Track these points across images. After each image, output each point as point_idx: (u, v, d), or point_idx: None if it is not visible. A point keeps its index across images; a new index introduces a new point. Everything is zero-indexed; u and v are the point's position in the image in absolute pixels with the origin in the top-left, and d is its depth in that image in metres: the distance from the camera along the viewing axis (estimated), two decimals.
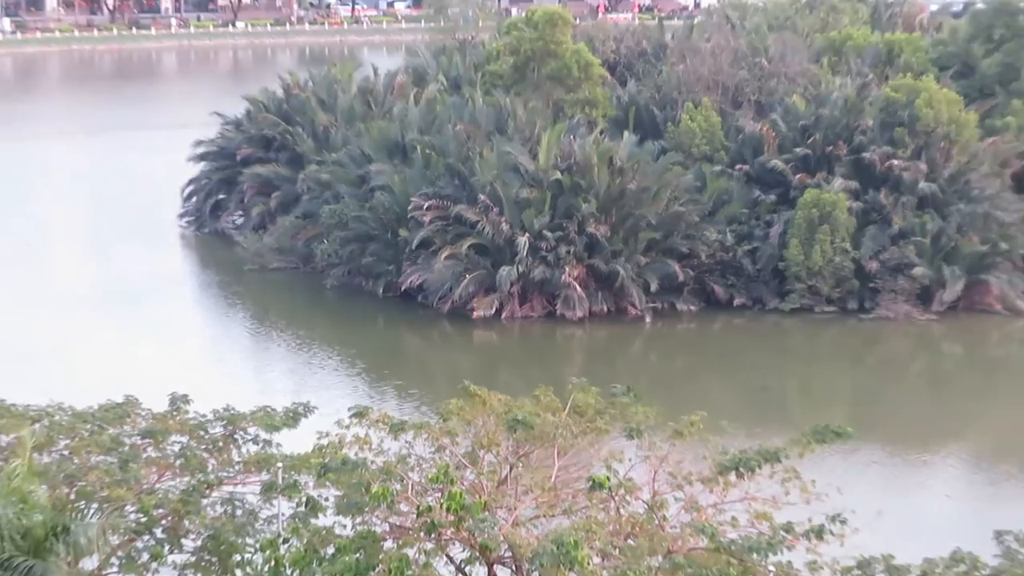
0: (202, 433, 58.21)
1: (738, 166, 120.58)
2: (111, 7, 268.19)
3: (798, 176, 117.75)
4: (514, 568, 48.37)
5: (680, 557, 48.40)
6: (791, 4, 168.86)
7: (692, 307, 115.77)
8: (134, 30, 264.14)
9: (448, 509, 48.10)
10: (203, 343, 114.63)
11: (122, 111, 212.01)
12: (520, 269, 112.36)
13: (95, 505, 53.62)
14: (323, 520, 51.18)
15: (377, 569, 48.54)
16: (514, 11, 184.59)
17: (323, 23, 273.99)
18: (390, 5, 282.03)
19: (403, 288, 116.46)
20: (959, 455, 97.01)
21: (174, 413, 59.07)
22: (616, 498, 50.52)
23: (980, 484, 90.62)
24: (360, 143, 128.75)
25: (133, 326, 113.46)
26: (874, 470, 80.00)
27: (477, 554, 48.88)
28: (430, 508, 48.69)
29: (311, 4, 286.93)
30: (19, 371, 68.67)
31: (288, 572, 50.82)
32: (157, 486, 55.84)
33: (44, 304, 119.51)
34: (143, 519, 54.93)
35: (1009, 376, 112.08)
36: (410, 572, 48.35)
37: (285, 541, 51.53)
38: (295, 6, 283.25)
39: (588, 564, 47.01)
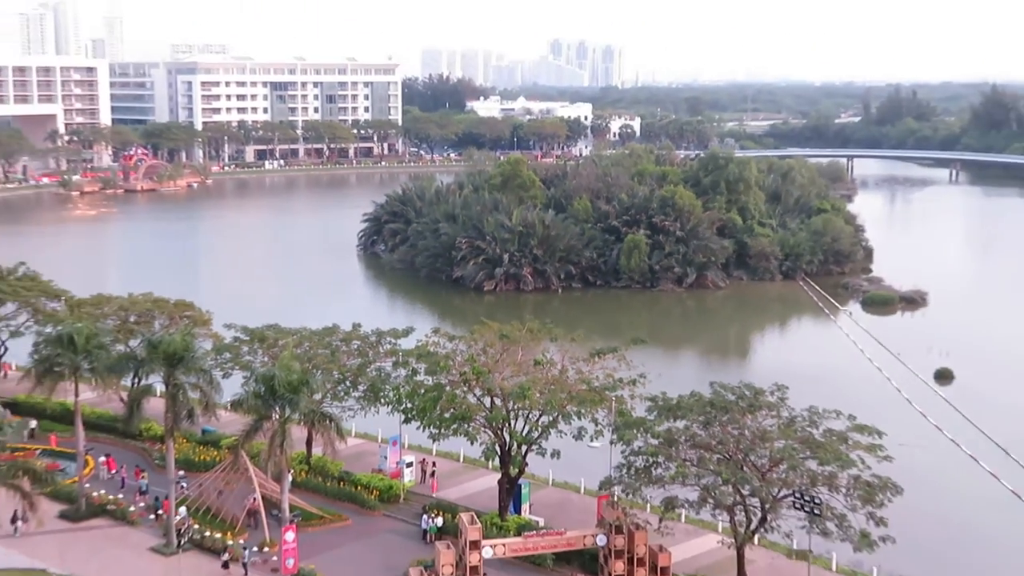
0: (365, 339, 58.01)
1: (599, 224, 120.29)
2: (327, 156, 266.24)
3: (624, 228, 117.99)
4: (502, 399, 48.34)
5: (574, 394, 48.61)
6: (620, 154, 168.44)
7: (579, 286, 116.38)
8: (336, 166, 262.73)
9: (473, 373, 48.56)
10: (365, 301, 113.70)
11: (331, 200, 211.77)
12: (504, 268, 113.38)
13: (320, 371, 53.71)
14: (419, 378, 51.12)
15: (442, 399, 48.68)
16: (502, 157, 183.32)
17: (418, 162, 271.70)
18: (448, 154, 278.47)
19: (454, 277, 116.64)
20: (695, 350, 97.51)
21: (354, 331, 58.85)
22: (546, 369, 50.71)
23: (705, 362, 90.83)
24: (435, 214, 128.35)
25: (334, 293, 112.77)
26: (658, 356, 79.04)
27: (486, 393, 48.94)
28: (465, 372, 49.14)
29: (414, 154, 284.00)
30: (283, 315, 68.60)
31: (404, 400, 50.87)
32: (347, 363, 55.78)
33: (293, 284, 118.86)
34: (340, 377, 55.11)
35: (716, 315, 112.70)
36: (457, 400, 48.58)
37: (403, 387, 51.63)
38: (407, 155, 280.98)
39: (534, 397, 47.34)
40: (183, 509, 49.12)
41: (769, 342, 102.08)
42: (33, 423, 62.05)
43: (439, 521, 48.57)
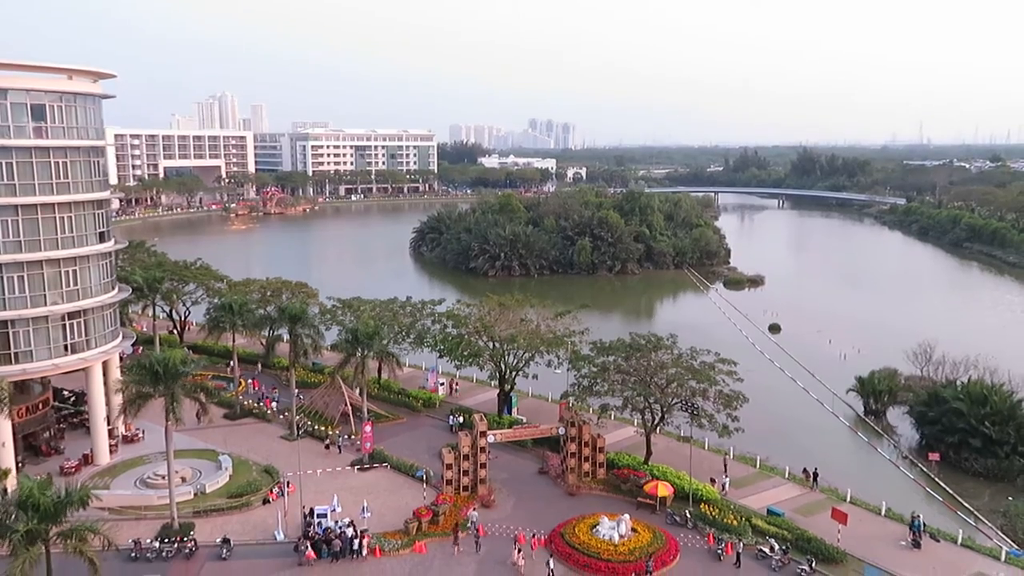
0: (414, 306, 56.38)
1: (560, 234, 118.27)
2: (390, 192, 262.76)
3: (576, 236, 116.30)
4: (500, 343, 47.90)
5: (545, 339, 48.10)
6: (573, 190, 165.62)
7: (548, 273, 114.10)
8: (395, 198, 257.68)
9: (482, 326, 47.86)
10: (414, 282, 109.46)
11: (392, 220, 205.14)
12: (501, 262, 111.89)
13: (386, 326, 52.70)
14: (448, 330, 50.55)
15: (463, 343, 48.12)
16: (499, 192, 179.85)
17: (447, 196, 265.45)
18: (466, 191, 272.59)
19: (470, 267, 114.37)
20: (620, 312, 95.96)
21: (407, 301, 57.67)
22: (527, 324, 50.14)
23: (626, 320, 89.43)
24: (458, 228, 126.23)
25: (395, 277, 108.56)
26: (596, 317, 78.75)
27: (490, 339, 48.48)
28: (477, 326, 48.40)
29: (445, 191, 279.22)
30: (363, 290, 67.56)
31: (439, 343, 50.23)
32: (403, 320, 54.33)
33: (369, 271, 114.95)
34: (398, 329, 54.05)
35: (633, 291, 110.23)
36: (472, 343, 47.98)
37: (438, 335, 51.02)
38: (440, 191, 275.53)
39: (520, 341, 46.85)
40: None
41: (666, 307, 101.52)
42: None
43: (461, 419, 48.37)
